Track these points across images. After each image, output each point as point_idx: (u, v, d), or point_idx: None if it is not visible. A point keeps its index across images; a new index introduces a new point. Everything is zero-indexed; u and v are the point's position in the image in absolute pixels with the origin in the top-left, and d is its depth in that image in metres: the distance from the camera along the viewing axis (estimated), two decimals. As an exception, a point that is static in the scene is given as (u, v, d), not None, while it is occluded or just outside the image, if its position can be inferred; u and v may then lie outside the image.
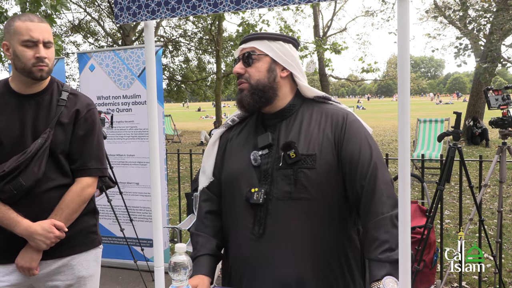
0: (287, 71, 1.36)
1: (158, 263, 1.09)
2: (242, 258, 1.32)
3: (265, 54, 1.33)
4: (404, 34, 0.82)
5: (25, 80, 1.61)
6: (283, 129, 1.34)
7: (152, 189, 1.07)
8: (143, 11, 1.00)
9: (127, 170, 3.94)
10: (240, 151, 1.38)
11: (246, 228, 1.30)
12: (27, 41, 1.54)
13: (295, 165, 1.27)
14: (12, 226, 1.55)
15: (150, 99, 1.06)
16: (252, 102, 1.33)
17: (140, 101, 3.87)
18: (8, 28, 1.56)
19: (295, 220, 1.26)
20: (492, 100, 3.01)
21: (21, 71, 1.58)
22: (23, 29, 1.53)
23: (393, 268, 1.10)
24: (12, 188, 1.53)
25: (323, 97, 1.41)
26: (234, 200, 1.34)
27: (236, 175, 1.34)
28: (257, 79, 1.33)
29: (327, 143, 1.29)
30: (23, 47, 1.54)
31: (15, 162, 1.53)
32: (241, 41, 1.38)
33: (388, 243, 1.12)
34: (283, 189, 1.27)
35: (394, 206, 1.18)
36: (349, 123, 1.31)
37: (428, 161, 7.83)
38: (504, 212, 5.33)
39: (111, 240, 4.04)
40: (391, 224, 1.15)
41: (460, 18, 10.54)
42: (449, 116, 7.51)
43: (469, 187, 2.82)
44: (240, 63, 1.36)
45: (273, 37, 1.35)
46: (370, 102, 66.40)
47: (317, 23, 20.91)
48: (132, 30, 16.28)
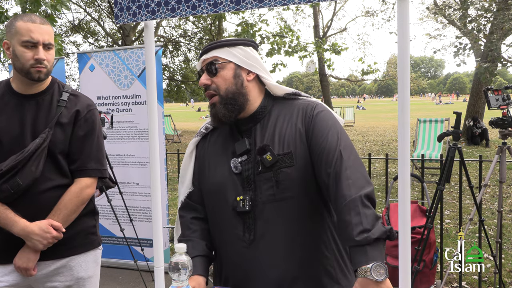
0: (252, 73, 1.35)
1: (158, 263, 1.09)
2: (234, 264, 1.33)
3: (228, 61, 1.32)
4: (404, 34, 0.82)
5: (24, 80, 1.61)
6: (258, 132, 1.34)
7: (152, 189, 1.08)
8: (143, 11, 1.00)
9: (127, 170, 3.94)
10: (219, 159, 1.37)
11: (236, 236, 1.30)
12: (27, 41, 1.53)
13: (274, 166, 1.27)
14: (9, 225, 1.55)
15: (150, 99, 1.06)
16: (228, 113, 1.31)
17: (140, 101, 3.87)
18: (10, 27, 1.57)
19: (283, 220, 1.27)
20: (492, 100, 3.01)
21: (19, 71, 1.58)
22: (24, 29, 1.53)
23: (374, 250, 1.05)
24: (9, 187, 1.53)
25: (293, 93, 1.40)
26: (221, 209, 1.34)
27: (219, 185, 1.34)
28: (225, 89, 1.32)
29: (300, 137, 1.29)
30: (22, 47, 1.54)
31: (13, 161, 1.53)
32: (201, 53, 1.37)
33: (361, 224, 1.08)
34: (266, 193, 1.27)
35: (361, 187, 1.13)
36: (317, 113, 1.31)
37: (428, 161, 7.83)
38: (504, 212, 5.33)
39: (111, 240, 4.04)
40: (361, 204, 1.10)
41: (460, 17, 10.54)
42: (449, 116, 7.51)
43: (469, 187, 2.82)
44: (205, 75, 1.34)
45: (233, 42, 1.34)
46: (367, 102, 66.40)
47: (317, 23, 20.91)
48: (132, 30, 16.29)
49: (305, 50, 11.48)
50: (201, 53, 1.37)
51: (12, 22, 1.56)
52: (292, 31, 11.17)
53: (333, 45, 11.60)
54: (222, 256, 1.38)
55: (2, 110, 1.61)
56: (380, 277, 1.02)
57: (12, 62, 1.59)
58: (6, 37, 1.59)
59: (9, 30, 1.57)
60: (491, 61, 9.02)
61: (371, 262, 1.04)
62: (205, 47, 1.36)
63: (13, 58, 1.57)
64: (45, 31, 1.57)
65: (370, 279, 1.03)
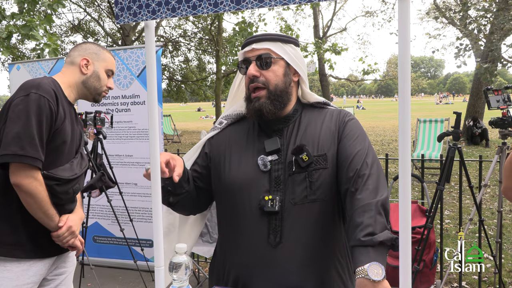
0: (298, 75, 1.35)
1: (158, 263, 1.09)
2: (254, 267, 1.27)
3: (281, 57, 1.30)
4: (404, 34, 0.82)
5: (83, 95, 1.80)
6: (290, 133, 1.32)
7: (152, 189, 1.07)
8: (143, 11, 0.99)
9: (126, 171, 3.93)
10: (242, 156, 1.33)
11: (259, 236, 1.26)
12: (110, 71, 1.84)
13: (309, 167, 1.26)
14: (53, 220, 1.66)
15: (151, 99, 1.06)
16: (274, 110, 1.29)
17: (139, 101, 3.86)
18: (98, 53, 1.80)
19: (310, 223, 1.25)
20: (492, 100, 3.01)
21: (90, 89, 1.79)
22: (111, 62, 1.84)
23: (377, 254, 1.05)
24: (73, 190, 1.69)
25: (323, 102, 1.41)
26: (243, 208, 1.29)
27: (243, 182, 1.29)
28: (275, 84, 1.29)
29: (333, 140, 1.30)
30: (105, 74, 1.82)
31: (83, 168, 1.73)
32: (249, 40, 1.32)
33: (371, 226, 1.08)
34: (299, 194, 1.25)
35: (379, 194, 1.15)
36: (348, 119, 1.35)
37: (428, 161, 7.83)
38: (504, 212, 5.33)
39: (111, 240, 4.03)
40: (375, 210, 1.11)
41: (460, 18, 10.54)
42: (449, 116, 7.51)
43: (469, 187, 2.82)
44: (254, 65, 1.29)
45: (286, 39, 1.31)
46: (366, 102, 66.38)
47: (317, 23, 20.91)
48: (132, 30, 16.28)
49: (305, 50, 11.47)
50: (248, 41, 1.32)
51: (100, 50, 1.82)
52: (292, 31, 11.17)
53: (333, 45, 11.59)
54: (234, 256, 1.32)
55: (66, 113, 1.66)
56: (377, 277, 1.00)
57: (87, 79, 1.77)
58: (89, 56, 1.78)
59: (96, 55, 1.80)
60: (491, 61, 9.03)
61: (369, 262, 1.03)
62: (255, 35, 1.31)
63: (92, 76, 1.78)
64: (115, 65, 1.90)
65: (367, 279, 1.01)
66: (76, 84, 1.76)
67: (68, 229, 1.65)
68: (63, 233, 1.64)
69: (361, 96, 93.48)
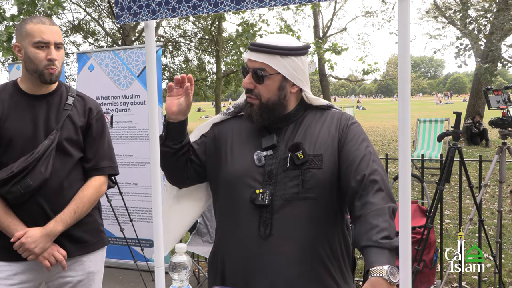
0: (297, 87, 1.36)
1: (158, 263, 1.09)
2: (244, 258, 1.32)
3: (277, 73, 1.31)
4: (404, 34, 0.82)
5: (36, 81, 1.63)
6: (288, 131, 1.36)
7: (152, 189, 1.07)
8: (143, 11, 1.00)
9: (126, 171, 3.92)
10: (241, 149, 1.38)
11: (251, 229, 1.30)
12: (39, 42, 1.57)
13: (303, 165, 1.28)
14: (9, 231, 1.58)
15: (151, 99, 1.06)
16: (261, 120, 1.34)
17: (139, 101, 3.86)
18: (20, 30, 1.60)
19: (300, 220, 1.28)
20: (492, 100, 3.02)
21: (32, 73, 1.61)
22: (35, 31, 1.57)
23: (392, 256, 1.09)
24: (20, 188, 1.55)
25: (327, 105, 1.44)
26: (238, 200, 1.33)
27: (239, 175, 1.34)
28: (267, 98, 1.33)
29: (332, 143, 1.32)
30: (34, 48, 1.58)
31: (23, 163, 1.56)
32: (251, 47, 1.33)
33: (387, 230, 1.12)
34: (290, 190, 1.28)
35: (391, 200, 1.20)
36: (351, 123, 1.37)
37: (428, 161, 7.83)
38: (504, 212, 5.32)
39: (111, 240, 4.03)
40: (389, 215, 1.16)
41: (460, 18, 10.54)
42: (449, 116, 7.51)
43: (469, 187, 2.82)
44: (249, 77, 1.34)
45: (285, 52, 1.30)
46: (366, 102, 66.42)
47: (317, 23, 20.92)
48: (132, 30, 16.27)
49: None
50: (251, 47, 1.34)
51: (22, 25, 1.59)
52: (292, 31, 11.17)
53: (333, 45, 11.58)
54: (230, 249, 1.36)
55: (12, 109, 1.62)
56: (395, 280, 1.04)
57: (24, 64, 1.62)
58: (16, 40, 1.61)
59: (20, 33, 1.60)
60: (491, 61, 9.03)
61: (388, 264, 1.06)
62: (256, 44, 1.32)
63: (26, 60, 1.60)
64: (55, 31, 1.61)
65: (385, 279, 1.04)
66: (25, 73, 1.64)
67: (20, 246, 1.55)
68: (16, 248, 1.56)
69: (360, 96, 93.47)
